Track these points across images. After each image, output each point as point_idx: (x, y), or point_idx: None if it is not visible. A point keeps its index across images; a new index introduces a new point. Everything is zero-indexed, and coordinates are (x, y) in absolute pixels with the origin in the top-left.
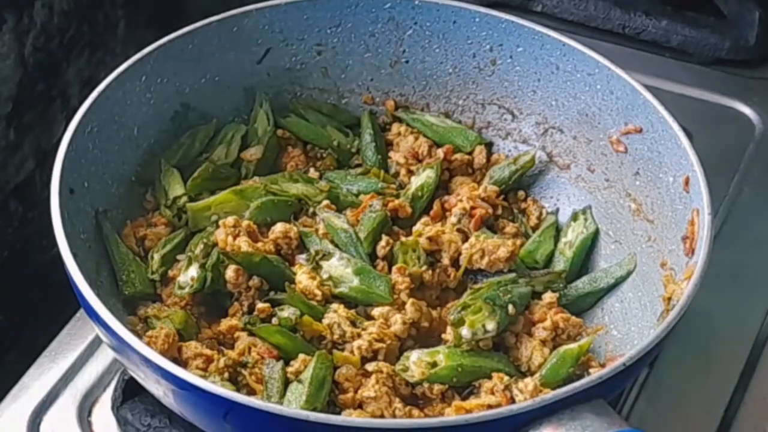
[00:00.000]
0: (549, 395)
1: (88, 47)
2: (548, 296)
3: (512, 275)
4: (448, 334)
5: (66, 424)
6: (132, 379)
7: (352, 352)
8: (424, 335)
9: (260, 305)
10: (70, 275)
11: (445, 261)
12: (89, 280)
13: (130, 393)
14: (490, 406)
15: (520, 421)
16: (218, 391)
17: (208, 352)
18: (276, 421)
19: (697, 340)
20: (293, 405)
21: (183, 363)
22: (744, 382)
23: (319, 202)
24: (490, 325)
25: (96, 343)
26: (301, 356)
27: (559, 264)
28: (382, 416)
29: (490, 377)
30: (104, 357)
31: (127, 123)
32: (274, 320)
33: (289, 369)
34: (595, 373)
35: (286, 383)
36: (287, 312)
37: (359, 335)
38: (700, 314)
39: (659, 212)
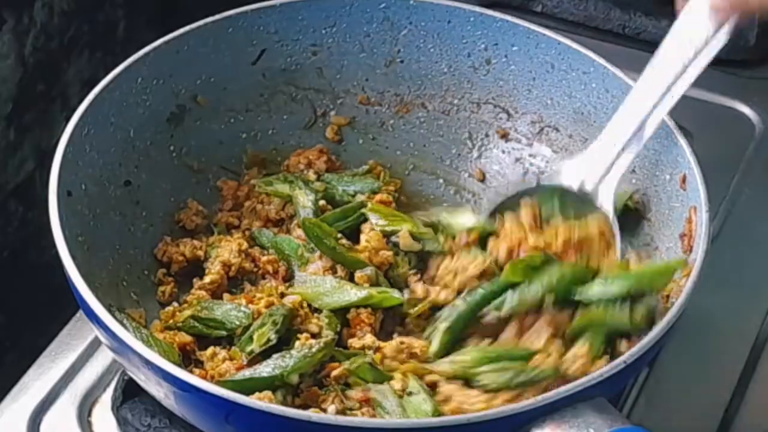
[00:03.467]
0: (550, 393)
1: (88, 47)
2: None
3: None
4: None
5: (66, 424)
6: (132, 379)
7: None
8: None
9: (335, 372)
10: (69, 277)
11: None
12: (88, 282)
13: (130, 393)
14: None
15: (523, 420)
16: (220, 393)
17: None
18: (277, 422)
19: (697, 340)
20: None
21: None
22: (744, 382)
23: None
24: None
25: (96, 344)
26: (396, 375)
27: None
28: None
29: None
30: (104, 357)
31: (123, 125)
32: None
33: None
34: (596, 371)
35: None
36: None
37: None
38: (700, 314)
39: (656, 210)
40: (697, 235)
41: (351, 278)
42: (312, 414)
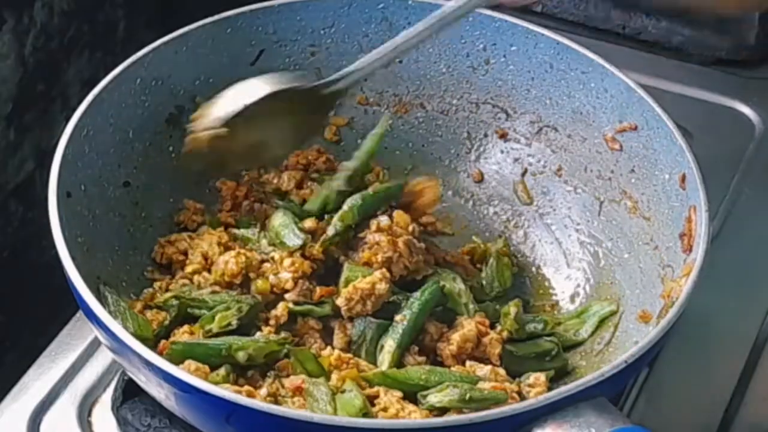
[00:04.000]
0: (552, 393)
1: (88, 47)
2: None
3: None
4: None
5: (66, 424)
6: (132, 379)
7: None
8: None
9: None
10: (69, 278)
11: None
12: (88, 283)
13: (130, 393)
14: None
15: (524, 419)
16: (221, 393)
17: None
18: (279, 423)
19: (697, 340)
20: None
21: None
22: (744, 382)
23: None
24: None
25: (96, 344)
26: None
27: None
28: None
29: None
30: (104, 357)
31: (123, 125)
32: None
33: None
34: (597, 371)
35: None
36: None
37: None
38: (700, 314)
39: (656, 210)
40: (696, 234)
41: None
42: (313, 414)
